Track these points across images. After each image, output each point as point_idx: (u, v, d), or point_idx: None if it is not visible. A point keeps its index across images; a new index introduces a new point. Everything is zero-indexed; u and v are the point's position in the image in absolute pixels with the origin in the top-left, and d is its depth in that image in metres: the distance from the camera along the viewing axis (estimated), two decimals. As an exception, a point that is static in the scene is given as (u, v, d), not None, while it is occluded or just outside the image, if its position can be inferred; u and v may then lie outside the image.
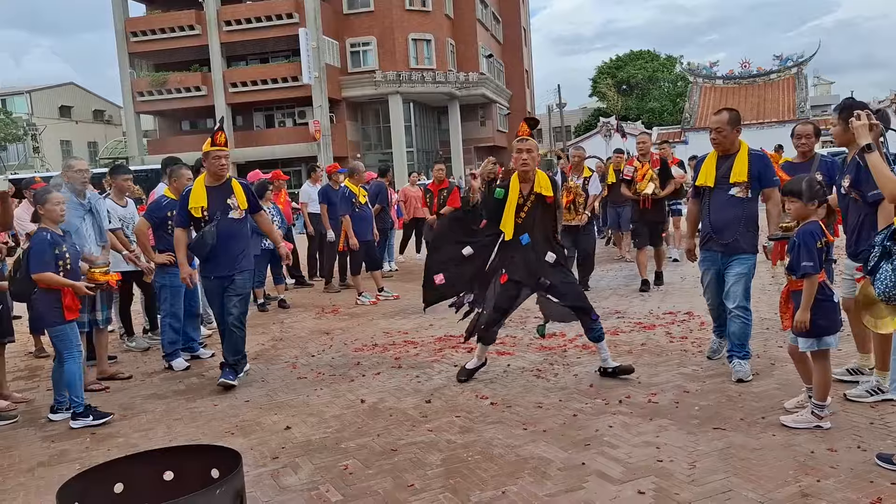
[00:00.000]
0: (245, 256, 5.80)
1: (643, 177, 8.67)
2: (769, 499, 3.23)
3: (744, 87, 37.58)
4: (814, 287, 3.93)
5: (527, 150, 5.16)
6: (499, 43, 49.89)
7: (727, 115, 5.05)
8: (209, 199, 5.65)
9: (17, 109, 45.62)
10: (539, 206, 5.21)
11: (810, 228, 3.98)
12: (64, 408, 5.15)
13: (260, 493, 3.66)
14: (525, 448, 4.03)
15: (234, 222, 5.70)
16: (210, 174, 5.71)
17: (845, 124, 4.27)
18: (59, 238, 5.07)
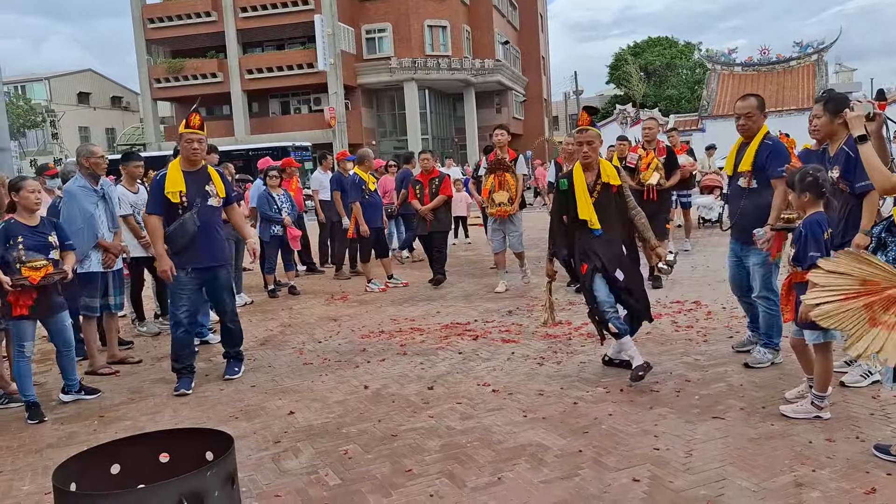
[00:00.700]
0: (225, 248, 5.62)
1: (647, 166, 8.30)
2: (762, 488, 3.25)
3: (763, 75, 37.16)
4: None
5: (587, 142, 4.98)
6: (515, 29, 49.63)
7: (755, 101, 4.99)
8: (187, 183, 5.32)
9: (36, 96, 46.05)
10: (607, 196, 5.00)
11: (816, 218, 3.94)
12: (74, 390, 5.27)
13: (260, 477, 3.72)
14: (523, 435, 4.06)
15: (213, 210, 5.44)
16: (183, 158, 5.38)
17: (830, 116, 4.33)
18: (20, 228, 4.88)
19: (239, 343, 5.71)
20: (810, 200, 3.99)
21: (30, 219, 4.96)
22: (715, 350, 5.50)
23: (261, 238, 9.30)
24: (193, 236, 5.25)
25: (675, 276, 8.82)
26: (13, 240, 4.82)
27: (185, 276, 5.33)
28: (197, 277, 5.38)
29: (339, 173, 10.31)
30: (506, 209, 8.29)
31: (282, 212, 9.20)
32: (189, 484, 2.18)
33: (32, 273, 4.79)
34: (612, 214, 5.03)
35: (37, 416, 4.90)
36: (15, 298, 4.78)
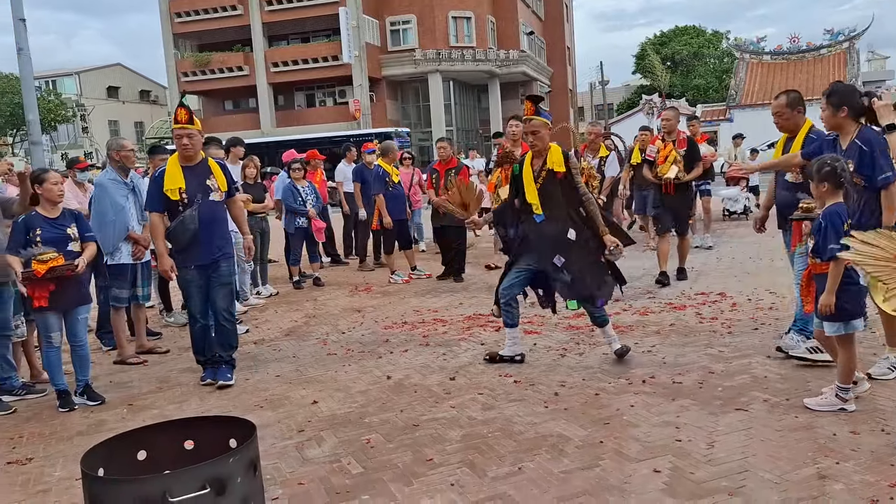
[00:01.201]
0: (227, 241, 5.41)
1: (665, 159, 7.75)
2: (785, 479, 3.23)
3: (792, 63, 36.62)
4: (840, 270, 3.84)
5: (532, 132, 5.14)
6: (540, 19, 49.32)
7: (784, 98, 4.99)
8: (186, 180, 5.19)
9: (67, 90, 46.73)
10: (552, 182, 5.10)
11: (836, 209, 3.89)
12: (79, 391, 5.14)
13: (284, 465, 3.78)
14: (545, 425, 4.07)
15: (215, 205, 5.30)
16: (178, 154, 5.27)
17: (833, 109, 4.40)
18: (39, 221, 4.95)
19: (231, 346, 5.40)
20: (829, 190, 3.94)
21: (51, 211, 5.03)
22: (739, 342, 5.46)
23: (286, 230, 9.41)
24: (194, 234, 5.15)
25: (700, 268, 8.77)
26: (32, 232, 4.89)
27: (189, 274, 5.27)
28: (201, 273, 5.28)
29: (361, 165, 10.37)
30: None
31: (306, 204, 9.26)
32: (212, 470, 2.22)
33: (39, 266, 4.80)
34: (556, 200, 5.13)
35: (67, 404, 5.00)
36: (32, 291, 4.84)
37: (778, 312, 6.21)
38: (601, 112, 49.52)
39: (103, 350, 6.65)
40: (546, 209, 5.12)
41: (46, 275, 4.79)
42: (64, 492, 3.67)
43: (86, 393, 5.13)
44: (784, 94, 5.06)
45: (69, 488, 3.70)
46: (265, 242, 9.04)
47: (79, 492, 3.59)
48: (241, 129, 33.44)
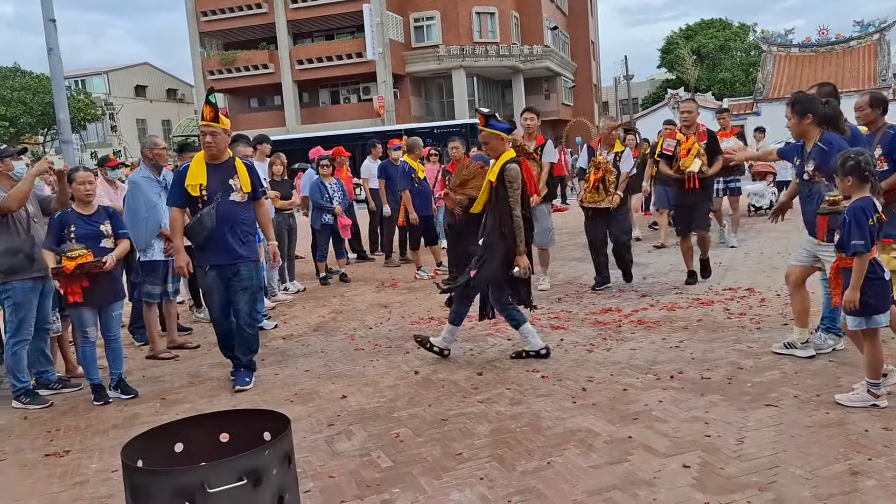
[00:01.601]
0: (247, 244, 5.21)
1: (687, 152, 7.34)
2: (816, 476, 3.21)
3: (821, 56, 36.02)
4: (864, 265, 3.82)
5: (483, 142, 5.51)
6: (564, 14, 49.05)
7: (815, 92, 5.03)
8: (209, 177, 5.10)
9: (96, 89, 47.38)
10: (492, 191, 5.34)
11: (861, 204, 3.86)
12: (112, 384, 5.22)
13: (315, 458, 3.83)
14: (573, 421, 4.08)
15: (235, 205, 5.13)
16: (204, 151, 5.22)
17: (799, 117, 4.70)
18: (74, 218, 5.04)
19: (250, 351, 5.31)
20: (854, 184, 3.94)
21: (85, 208, 5.12)
22: (769, 337, 5.41)
23: (312, 226, 9.48)
24: (211, 233, 5.03)
25: (728, 263, 8.70)
26: (66, 229, 4.98)
27: (206, 274, 5.17)
28: (218, 275, 5.15)
29: (387, 161, 10.42)
30: None
31: (333, 201, 9.32)
32: (248, 462, 2.27)
33: (67, 262, 4.85)
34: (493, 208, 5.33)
35: (101, 398, 5.10)
36: (66, 286, 4.93)
37: (808, 308, 6.14)
38: (626, 107, 49.13)
39: (135, 345, 6.76)
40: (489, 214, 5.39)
41: (75, 271, 4.86)
42: (101, 483, 3.76)
43: (119, 386, 5.22)
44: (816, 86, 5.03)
45: (106, 480, 3.79)
46: (292, 239, 9.13)
47: (115, 483, 3.68)
48: (267, 127, 33.68)
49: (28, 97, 34.32)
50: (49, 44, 16.82)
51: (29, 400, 5.14)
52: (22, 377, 5.17)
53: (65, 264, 4.85)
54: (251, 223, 5.32)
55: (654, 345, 5.49)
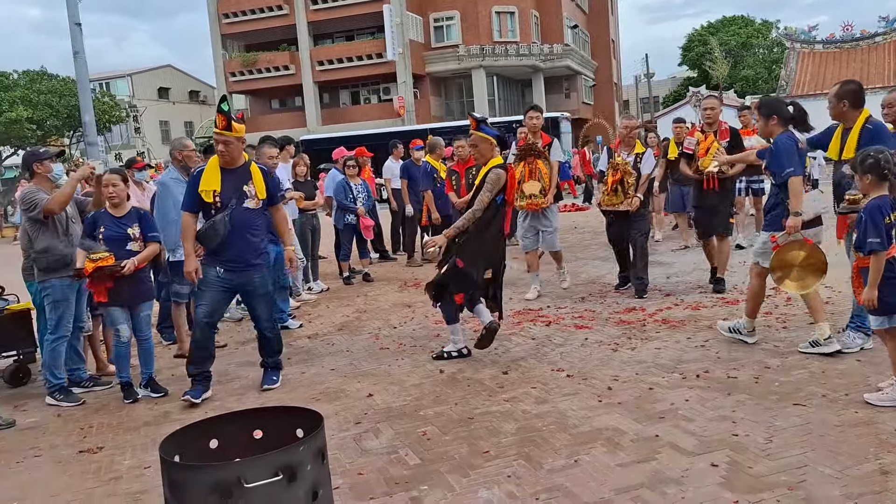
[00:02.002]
0: (261, 253, 5.15)
1: (706, 151, 7.02)
2: (846, 475, 3.20)
3: (845, 52, 35.56)
4: (881, 264, 3.83)
5: (472, 145, 5.78)
6: (584, 13, 48.85)
7: (835, 89, 4.96)
8: (223, 183, 4.97)
9: (120, 92, 47.91)
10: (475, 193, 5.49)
11: (877, 203, 3.87)
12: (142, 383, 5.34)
13: (343, 456, 3.87)
14: (599, 419, 4.09)
15: (249, 212, 5.01)
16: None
17: (766, 119, 5.10)
18: (105, 218, 5.16)
19: (275, 352, 5.35)
20: (872, 183, 3.95)
21: (117, 210, 5.20)
22: (795, 336, 5.38)
23: (336, 226, 9.55)
24: (224, 239, 4.92)
25: (752, 262, 8.62)
26: (97, 229, 5.11)
27: (214, 275, 4.99)
28: (227, 280, 5.01)
29: (409, 162, 10.47)
30: (538, 202, 7.28)
31: (357, 201, 9.38)
32: (284, 457, 2.31)
33: (88, 264, 4.93)
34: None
35: (130, 395, 5.21)
36: (93, 287, 5.07)
37: (834, 307, 6.10)
38: (646, 105, 48.85)
39: (163, 344, 6.86)
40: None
41: (94, 273, 4.94)
42: (134, 479, 3.83)
43: (149, 385, 5.32)
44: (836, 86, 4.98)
45: (139, 476, 3.86)
46: (316, 239, 9.20)
47: (148, 479, 3.76)
48: (288, 128, 33.91)
49: (54, 100, 34.77)
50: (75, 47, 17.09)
51: (62, 397, 5.24)
52: (58, 374, 5.27)
53: (85, 266, 4.95)
54: (266, 229, 5.24)
55: (679, 344, 5.47)
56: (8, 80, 35.26)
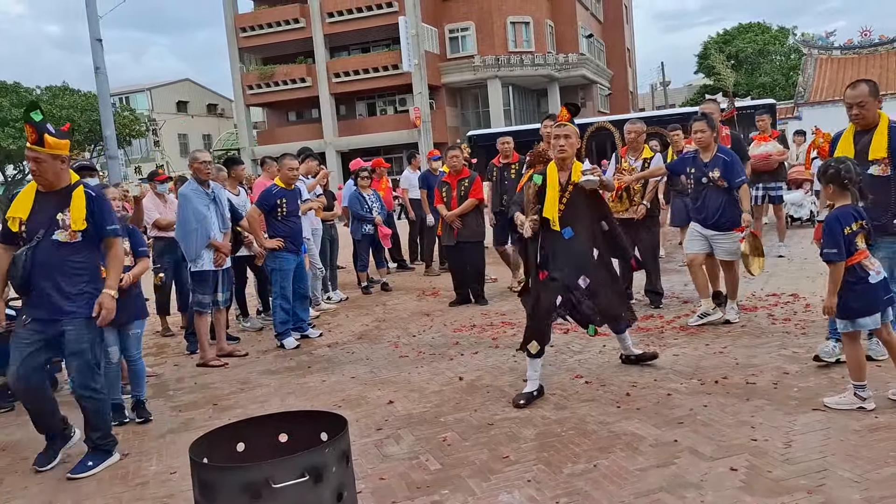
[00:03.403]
0: (78, 297, 4.09)
1: None
2: (866, 479, 3.21)
3: (864, 58, 35.33)
4: (838, 274, 3.96)
5: (564, 135, 4.83)
6: (599, 22, 48.91)
7: (867, 87, 4.59)
8: (34, 209, 4.09)
9: (139, 106, 48.55)
10: (579, 197, 4.84)
11: (837, 213, 4.01)
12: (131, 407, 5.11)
13: (365, 461, 3.93)
14: (618, 425, 4.12)
15: (60, 247, 4.06)
16: None
17: (711, 130, 5.97)
18: None
19: (95, 427, 4.23)
20: (835, 192, 4.08)
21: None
22: (814, 343, 5.37)
23: (353, 237, 9.64)
24: (24, 280, 4.07)
25: (771, 269, 8.60)
26: None
27: (23, 327, 4.09)
28: (37, 331, 4.07)
29: (427, 172, 10.55)
30: None
31: (372, 211, 9.48)
32: (310, 459, 2.38)
33: None
34: (581, 215, 4.86)
35: (117, 418, 4.87)
36: None
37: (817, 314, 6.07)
38: (663, 113, 48.64)
39: (185, 353, 6.97)
40: (570, 224, 4.84)
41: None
42: (161, 485, 3.90)
43: (136, 409, 5.07)
44: (864, 83, 4.64)
45: (166, 481, 3.93)
46: (334, 249, 9.31)
47: (174, 484, 3.83)
48: (305, 139, 34.12)
49: (76, 115, 35.32)
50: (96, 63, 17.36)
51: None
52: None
53: None
54: (87, 269, 4.18)
55: (697, 350, 5.49)
56: (31, 96, 35.85)
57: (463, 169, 8.29)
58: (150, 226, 7.49)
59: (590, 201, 4.90)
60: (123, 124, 36.11)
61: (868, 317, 3.98)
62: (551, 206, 4.84)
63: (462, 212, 8.06)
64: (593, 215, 4.95)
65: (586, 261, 4.87)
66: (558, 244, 4.85)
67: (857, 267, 3.99)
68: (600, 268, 4.93)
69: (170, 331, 7.99)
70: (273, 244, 6.82)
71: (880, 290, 4.01)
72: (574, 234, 4.84)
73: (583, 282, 4.83)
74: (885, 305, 4.03)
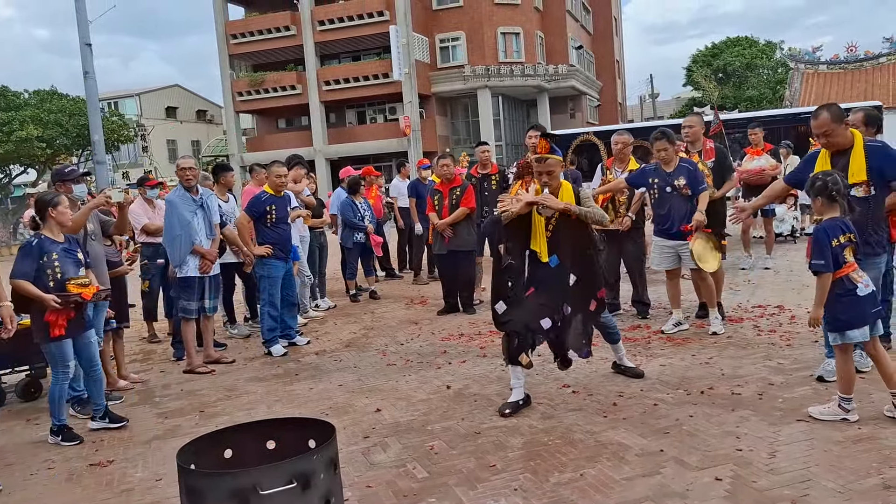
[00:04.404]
0: None
1: None
2: (849, 489, 3.24)
3: (850, 73, 35.75)
4: (825, 285, 4.01)
5: (547, 172, 4.73)
6: (589, 34, 49.23)
7: (827, 115, 4.45)
8: None
9: (128, 111, 48.35)
10: (565, 223, 4.75)
11: (825, 226, 4.06)
12: (99, 415, 5.02)
13: (352, 469, 3.93)
14: (604, 434, 4.14)
15: None
16: None
17: (672, 145, 6.32)
18: (52, 246, 4.70)
19: None
20: (823, 205, 4.14)
21: (59, 235, 4.80)
22: (800, 354, 5.43)
23: (343, 244, 9.63)
24: None
25: (757, 281, 8.69)
26: (47, 256, 4.64)
27: None
28: None
29: (416, 181, 10.58)
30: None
31: (364, 219, 9.49)
32: (298, 466, 2.38)
33: (83, 290, 4.67)
34: (567, 243, 4.78)
35: (71, 437, 4.76)
36: (54, 318, 4.60)
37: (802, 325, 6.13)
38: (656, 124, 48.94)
39: (171, 360, 6.94)
40: (556, 252, 4.77)
41: (93, 299, 4.76)
42: (146, 491, 3.89)
43: (107, 415, 5.01)
44: (823, 110, 4.50)
45: (150, 488, 3.92)
46: (323, 256, 9.30)
47: (159, 491, 3.82)
48: (294, 147, 34.10)
49: (64, 119, 35.09)
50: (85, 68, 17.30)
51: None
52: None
53: (81, 291, 4.68)
54: None
55: (683, 361, 5.53)
56: (19, 100, 35.62)
57: (455, 178, 8.27)
58: (139, 231, 7.47)
59: (575, 228, 4.78)
60: (112, 129, 35.90)
61: (857, 329, 4.00)
62: (538, 237, 4.77)
63: (453, 220, 8.04)
64: (579, 242, 4.83)
65: (566, 288, 4.79)
66: (543, 272, 4.79)
67: (845, 279, 4.02)
68: (578, 295, 4.82)
69: (156, 337, 7.96)
70: (262, 251, 6.81)
71: (868, 303, 4.03)
72: (559, 261, 4.77)
73: (566, 309, 4.78)
74: (873, 319, 4.06)
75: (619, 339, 5.27)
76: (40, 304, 4.59)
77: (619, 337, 5.28)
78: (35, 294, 4.57)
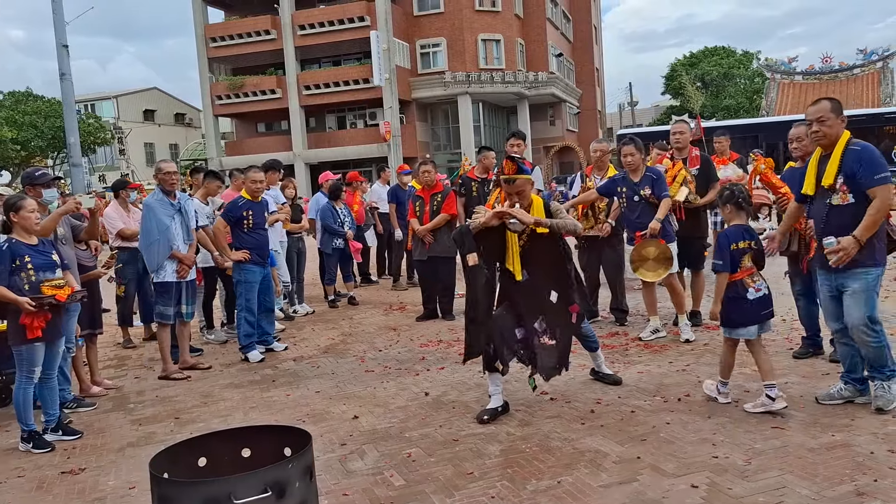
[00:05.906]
0: None
1: (672, 179, 6.72)
2: (822, 496, 3.27)
3: (825, 83, 36.29)
4: (721, 282, 4.44)
5: (516, 192, 4.69)
6: (569, 42, 49.56)
7: (829, 104, 4.25)
8: None
9: (105, 113, 47.89)
10: (536, 240, 4.69)
11: (728, 230, 4.54)
12: (51, 426, 4.87)
13: (328, 476, 3.90)
14: (582, 441, 4.15)
15: None
16: None
17: (641, 153, 6.38)
18: (25, 249, 4.64)
19: None
20: (731, 212, 4.57)
21: (31, 238, 4.74)
22: (775, 362, 5.43)
23: (322, 250, 9.59)
24: None
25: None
26: (20, 259, 4.59)
27: None
28: None
29: (396, 186, 10.56)
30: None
31: (344, 225, 9.46)
32: (273, 474, 2.35)
33: (57, 291, 4.61)
34: (539, 261, 4.74)
35: (42, 444, 4.69)
36: (30, 320, 4.53)
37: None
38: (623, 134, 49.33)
39: (146, 366, 6.85)
40: (529, 269, 4.73)
41: (68, 300, 4.70)
42: (119, 499, 3.83)
43: (60, 428, 4.89)
44: (825, 100, 4.32)
45: (123, 496, 3.86)
46: (301, 262, 9.25)
47: (132, 500, 3.77)
48: (274, 151, 33.97)
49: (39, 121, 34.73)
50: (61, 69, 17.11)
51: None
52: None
53: (56, 293, 4.60)
54: None
55: (661, 368, 5.55)
56: (-8, 101, 35.19)
57: (436, 184, 8.27)
58: (114, 235, 7.39)
59: (548, 244, 4.74)
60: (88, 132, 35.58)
61: (744, 328, 4.45)
62: (512, 256, 4.70)
63: (434, 226, 8.05)
64: (553, 258, 4.79)
65: (542, 303, 4.76)
66: (516, 288, 4.76)
67: (739, 284, 4.43)
68: (557, 311, 4.79)
69: (131, 342, 7.86)
70: (238, 256, 6.76)
71: (758, 306, 4.44)
72: (531, 277, 4.73)
73: (539, 325, 4.75)
74: (763, 319, 4.49)
75: (598, 347, 5.30)
76: (15, 307, 4.53)
77: (598, 345, 5.31)
78: (9, 297, 4.51)
